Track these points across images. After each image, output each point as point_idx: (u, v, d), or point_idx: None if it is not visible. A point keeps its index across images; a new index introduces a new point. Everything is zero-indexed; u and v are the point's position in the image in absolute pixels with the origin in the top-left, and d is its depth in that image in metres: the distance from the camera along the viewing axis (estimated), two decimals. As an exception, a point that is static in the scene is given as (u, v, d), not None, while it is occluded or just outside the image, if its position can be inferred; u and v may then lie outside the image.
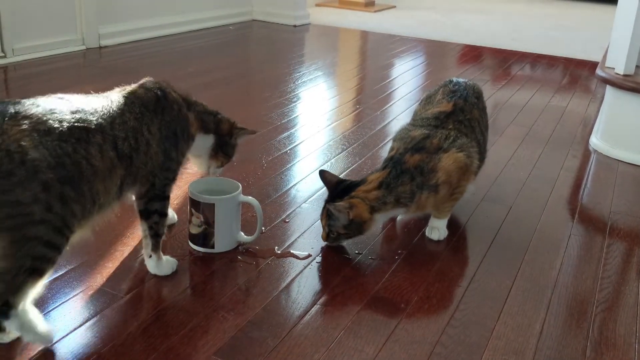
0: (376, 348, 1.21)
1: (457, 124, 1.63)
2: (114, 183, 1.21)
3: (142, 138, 1.26)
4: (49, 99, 1.15)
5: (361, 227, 1.50)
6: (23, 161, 1.04)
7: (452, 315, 1.32)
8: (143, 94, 1.31)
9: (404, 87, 3.10)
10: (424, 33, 4.50)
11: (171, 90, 1.38)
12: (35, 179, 1.05)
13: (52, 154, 1.08)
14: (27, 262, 1.08)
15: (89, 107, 1.19)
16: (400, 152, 1.56)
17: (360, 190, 1.51)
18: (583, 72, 3.61)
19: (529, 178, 2.06)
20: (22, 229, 1.06)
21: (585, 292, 1.44)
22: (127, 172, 1.24)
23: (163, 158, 1.32)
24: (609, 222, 1.79)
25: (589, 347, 1.25)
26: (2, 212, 1.04)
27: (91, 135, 1.16)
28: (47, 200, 1.07)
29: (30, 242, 1.07)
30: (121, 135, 1.22)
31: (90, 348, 1.15)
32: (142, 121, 1.28)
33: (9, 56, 3.02)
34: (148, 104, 1.31)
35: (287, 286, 1.39)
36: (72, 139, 1.12)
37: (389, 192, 1.50)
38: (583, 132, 2.56)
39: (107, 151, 1.18)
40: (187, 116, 1.40)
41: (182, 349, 1.17)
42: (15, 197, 1.04)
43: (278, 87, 2.94)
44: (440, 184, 1.54)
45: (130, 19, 3.65)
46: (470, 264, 1.54)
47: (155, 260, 1.39)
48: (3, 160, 1.03)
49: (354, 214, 1.47)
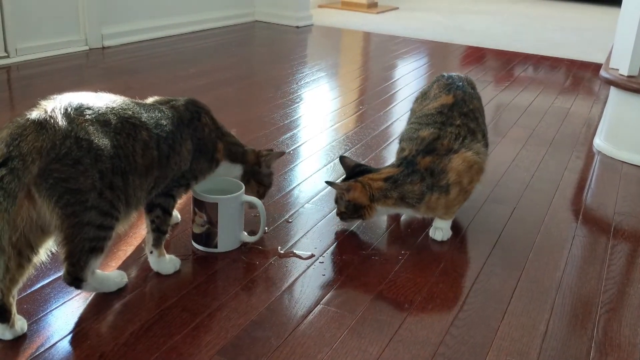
0: (380, 348, 1.20)
1: (463, 117, 1.63)
2: (148, 182, 1.28)
3: (177, 142, 1.34)
4: (98, 95, 1.24)
5: (359, 211, 1.56)
6: (89, 149, 1.13)
7: (456, 316, 1.32)
8: (182, 109, 1.40)
9: (407, 88, 3.10)
10: (426, 34, 4.50)
11: (206, 116, 1.46)
12: (95, 167, 1.13)
13: (111, 144, 1.16)
14: (86, 245, 1.17)
15: (134, 106, 1.28)
16: (413, 154, 1.57)
17: (368, 177, 1.56)
18: (586, 73, 3.60)
19: (532, 179, 2.06)
20: (78, 216, 1.14)
21: (589, 293, 1.44)
22: (161, 173, 1.31)
23: (188, 166, 1.39)
24: (613, 223, 1.79)
25: (593, 348, 1.25)
26: (63, 199, 1.11)
27: (138, 131, 1.24)
28: (100, 188, 1.15)
29: (85, 227, 1.15)
30: (163, 135, 1.30)
31: (93, 347, 1.15)
32: (178, 129, 1.36)
33: (12, 56, 3.02)
34: (183, 118, 1.39)
35: (290, 286, 1.39)
36: (124, 133, 1.21)
37: (394, 188, 1.54)
38: (587, 133, 2.56)
39: (152, 149, 1.26)
40: (215, 142, 1.47)
41: (185, 348, 1.16)
42: (78, 185, 1.12)
43: (281, 88, 2.93)
44: (451, 184, 1.54)
45: (133, 20, 3.65)
46: (474, 264, 1.53)
47: (156, 256, 1.39)
48: (72, 148, 1.11)
49: (350, 196, 1.54)
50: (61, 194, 1.10)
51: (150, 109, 1.32)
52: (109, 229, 1.20)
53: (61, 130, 1.11)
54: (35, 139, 1.08)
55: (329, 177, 1.98)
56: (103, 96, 1.25)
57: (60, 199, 1.10)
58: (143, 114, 1.28)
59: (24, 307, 1.24)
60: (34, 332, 1.18)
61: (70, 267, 1.18)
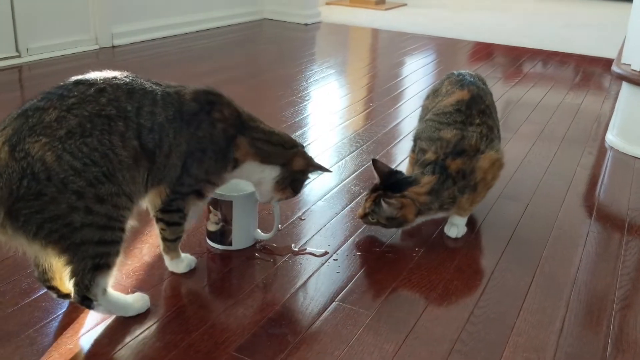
0: (396, 345, 1.20)
1: (482, 116, 1.63)
2: (140, 174, 1.18)
3: (167, 139, 1.21)
4: (64, 88, 1.14)
5: (401, 224, 1.55)
6: (49, 178, 1.05)
7: (471, 312, 1.32)
8: (187, 101, 1.25)
9: (416, 85, 3.09)
10: (435, 31, 4.49)
11: (224, 108, 1.29)
12: (66, 191, 1.07)
13: (78, 156, 1.07)
14: (89, 263, 1.12)
15: (114, 88, 1.15)
16: (441, 157, 1.56)
17: (413, 191, 1.53)
18: (596, 69, 3.59)
19: (545, 175, 2.05)
20: (69, 238, 1.09)
21: (604, 289, 1.43)
22: (150, 168, 1.20)
23: (179, 173, 1.25)
24: (627, 219, 1.78)
25: (610, 344, 1.25)
26: (44, 229, 1.07)
27: (113, 123, 1.12)
28: (85, 206, 1.09)
29: (81, 246, 1.11)
30: (147, 125, 1.17)
31: (111, 345, 1.16)
32: (171, 125, 1.21)
33: (24, 56, 3.04)
34: (184, 112, 1.24)
35: (304, 283, 1.39)
36: (95, 132, 1.10)
37: (436, 199, 1.54)
38: (598, 129, 2.55)
39: (130, 139, 1.14)
40: (233, 138, 1.30)
41: (202, 345, 1.17)
42: (51, 212, 1.06)
43: (290, 86, 2.94)
44: (478, 182, 1.57)
45: (142, 19, 3.66)
46: (488, 261, 1.53)
47: (170, 259, 1.39)
48: (31, 185, 1.05)
49: (402, 213, 1.51)
50: (39, 224, 1.06)
51: (144, 93, 1.19)
52: (112, 243, 1.14)
53: (15, 172, 1.04)
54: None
55: (340, 174, 1.99)
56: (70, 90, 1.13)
57: (41, 230, 1.07)
58: (121, 98, 1.15)
59: (42, 304, 1.25)
60: (53, 329, 1.19)
61: (76, 286, 1.14)
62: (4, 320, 1.20)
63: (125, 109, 1.15)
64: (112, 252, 1.15)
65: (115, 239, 1.14)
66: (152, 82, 1.24)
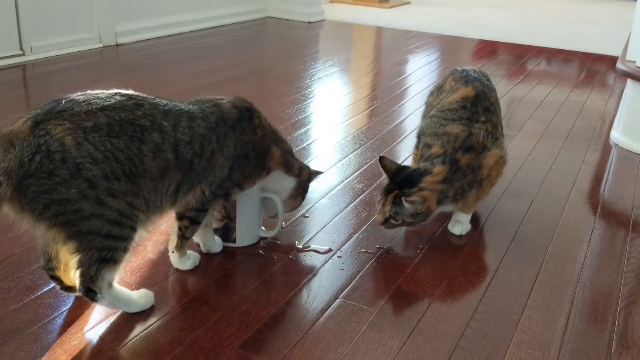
0: (400, 342, 1.20)
1: (487, 113, 1.63)
2: (164, 185, 1.20)
3: (209, 147, 1.25)
4: (104, 94, 1.16)
5: (426, 217, 1.52)
6: (64, 160, 1.06)
7: (475, 309, 1.32)
8: (227, 108, 1.31)
9: (420, 83, 3.09)
10: (438, 29, 4.48)
11: (261, 117, 1.38)
12: (79, 176, 1.07)
13: (100, 148, 1.09)
14: (95, 254, 1.13)
15: (151, 106, 1.19)
16: (451, 150, 1.56)
17: (428, 181, 1.50)
18: (601, 67, 3.58)
19: (549, 172, 2.05)
20: (76, 225, 1.10)
21: (609, 286, 1.43)
22: (184, 177, 1.23)
23: (226, 175, 1.30)
24: (632, 216, 1.77)
25: (614, 341, 1.24)
26: (50, 210, 1.08)
27: (147, 133, 1.15)
28: (96, 196, 1.09)
29: (88, 235, 1.11)
30: (184, 139, 1.21)
31: (115, 341, 1.16)
32: (215, 131, 1.26)
33: (28, 54, 3.04)
34: (228, 119, 1.30)
35: (309, 280, 1.39)
36: (124, 136, 1.12)
37: (451, 187, 1.52)
38: (603, 126, 2.54)
39: (165, 152, 1.18)
40: (270, 147, 1.38)
41: (207, 341, 1.17)
42: (60, 195, 1.07)
43: (294, 84, 2.94)
44: (484, 179, 1.57)
45: (146, 17, 3.66)
46: (492, 258, 1.53)
47: (178, 256, 1.39)
48: (43, 162, 1.05)
49: (426, 206, 1.49)
50: (46, 205, 1.07)
51: (176, 110, 1.23)
52: (120, 239, 1.15)
53: (30, 146, 1.05)
54: (2, 160, 1.04)
55: (343, 172, 1.99)
56: (109, 96, 1.16)
57: (46, 210, 1.07)
58: (157, 115, 1.18)
59: (46, 301, 1.25)
60: (57, 326, 1.19)
61: (82, 277, 1.15)
62: (9, 317, 1.20)
63: (161, 124, 1.18)
64: (120, 248, 1.15)
65: (124, 235, 1.15)
66: (188, 103, 1.29)
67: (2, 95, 2.55)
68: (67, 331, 1.18)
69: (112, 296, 1.19)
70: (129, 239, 1.16)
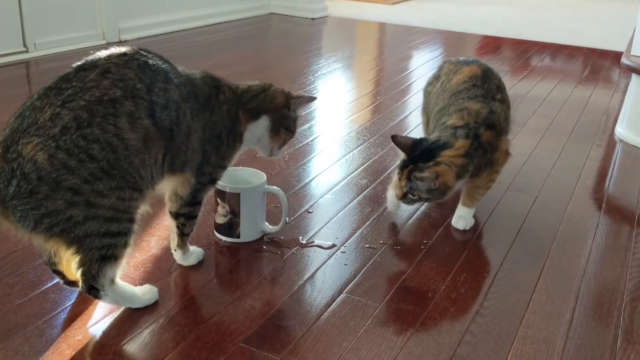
0: (405, 337, 1.20)
1: (500, 91, 1.63)
2: (152, 156, 1.14)
3: (184, 118, 1.18)
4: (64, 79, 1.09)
5: (444, 193, 1.48)
6: (41, 178, 1.04)
7: (480, 304, 1.31)
8: (199, 84, 1.25)
9: (423, 79, 3.06)
10: (442, 25, 4.47)
11: (225, 89, 1.30)
12: (60, 188, 1.05)
13: (74, 152, 1.04)
14: (95, 254, 1.12)
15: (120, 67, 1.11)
16: (473, 125, 1.51)
17: (447, 155, 1.46)
18: (605, 62, 3.56)
19: (554, 168, 2.04)
20: (72, 232, 1.09)
21: (614, 281, 1.42)
22: (167, 149, 1.16)
23: (201, 159, 1.26)
24: (637, 211, 1.77)
25: (620, 336, 1.24)
26: (43, 223, 1.06)
27: (118, 105, 1.08)
28: (85, 200, 1.07)
29: (86, 238, 1.10)
30: (160, 102, 1.13)
31: (119, 336, 1.16)
32: (187, 104, 1.19)
33: (31, 51, 3.05)
34: (199, 95, 1.23)
35: (312, 275, 1.39)
36: (96, 119, 1.06)
37: (471, 161, 1.49)
38: (607, 122, 2.53)
39: (141, 119, 1.10)
40: (236, 115, 1.31)
41: (210, 337, 1.17)
42: (48, 209, 1.06)
43: (297, 80, 2.93)
44: (494, 160, 1.56)
45: (150, 14, 3.66)
46: (497, 253, 1.53)
47: (181, 253, 1.39)
48: (21, 184, 1.04)
49: (440, 182, 1.44)
50: (37, 220, 1.05)
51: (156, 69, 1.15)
52: (119, 235, 1.13)
53: (5, 173, 1.03)
54: None
55: (347, 168, 1.98)
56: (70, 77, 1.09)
57: (39, 225, 1.06)
58: (129, 75, 1.10)
59: (51, 296, 1.25)
60: (61, 321, 1.19)
61: (84, 276, 1.14)
62: (13, 312, 1.20)
63: (133, 87, 1.10)
64: (120, 244, 1.14)
65: (122, 230, 1.13)
66: (164, 60, 1.21)
67: (6, 91, 2.56)
68: (71, 326, 1.18)
69: (115, 292, 1.19)
70: (128, 232, 1.15)
